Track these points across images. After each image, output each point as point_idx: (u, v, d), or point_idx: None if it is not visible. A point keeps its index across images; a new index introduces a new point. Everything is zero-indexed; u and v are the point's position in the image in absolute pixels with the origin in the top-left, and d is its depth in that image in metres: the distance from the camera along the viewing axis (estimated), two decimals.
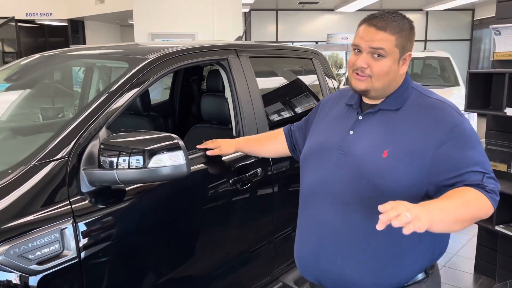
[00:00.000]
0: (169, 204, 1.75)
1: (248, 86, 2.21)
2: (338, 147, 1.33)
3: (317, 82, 2.77)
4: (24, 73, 2.19)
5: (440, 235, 1.32)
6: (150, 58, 1.84)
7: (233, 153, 1.90)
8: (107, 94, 1.63)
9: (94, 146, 1.50)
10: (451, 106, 1.28)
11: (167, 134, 1.50)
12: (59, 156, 1.44)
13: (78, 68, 2.16)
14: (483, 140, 3.03)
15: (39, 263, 1.30)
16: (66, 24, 16.72)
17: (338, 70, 10.89)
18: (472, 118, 4.87)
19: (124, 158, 1.44)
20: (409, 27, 1.28)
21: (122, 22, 16.59)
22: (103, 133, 1.55)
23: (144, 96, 2.80)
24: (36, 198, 1.35)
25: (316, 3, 12.72)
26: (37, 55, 2.19)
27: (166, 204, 1.74)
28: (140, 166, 1.43)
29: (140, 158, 1.44)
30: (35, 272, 1.29)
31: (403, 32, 1.26)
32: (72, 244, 1.38)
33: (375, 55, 1.25)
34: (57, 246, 1.34)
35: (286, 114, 2.61)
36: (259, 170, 2.09)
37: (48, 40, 16.98)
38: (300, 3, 12.83)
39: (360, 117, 1.34)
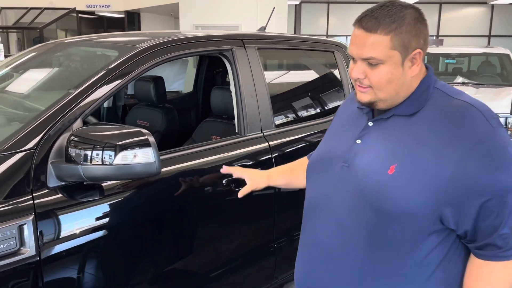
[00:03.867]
0: (152, 204, 1.63)
1: (254, 80, 2.04)
2: (343, 158, 1.13)
3: (338, 78, 2.55)
4: (29, 60, 2.18)
5: (454, 274, 1.08)
6: (141, 47, 1.73)
7: (264, 187, 1.48)
8: (86, 84, 1.54)
9: (65, 139, 1.41)
10: (480, 110, 1.00)
11: (137, 129, 1.39)
12: (25, 147, 1.37)
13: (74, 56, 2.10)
14: None
15: None
16: (123, 16, 17.31)
17: None
18: None
19: (94, 152, 1.35)
20: (412, 18, 1.01)
21: (176, 14, 16.93)
22: (77, 125, 1.46)
23: (159, 87, 2.73)
24: None
25: None
26: (40, 45, 2.17)
27: (149, 204, 1.63)
28: (107, 162, 1.33)
29: (108, 153, 1.34)
30: None
31: (402, 27, 1.00)
32: (32, 241, 1.31)
33: (370, 64, 1.03)
34: (12, 243, 1.27)
35: (297, 112, 2.42)
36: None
37: (107, 31, 17.68)
38: None
39: (370, 124, 1.12)
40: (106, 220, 1.51)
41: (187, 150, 1.78)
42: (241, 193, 1.42)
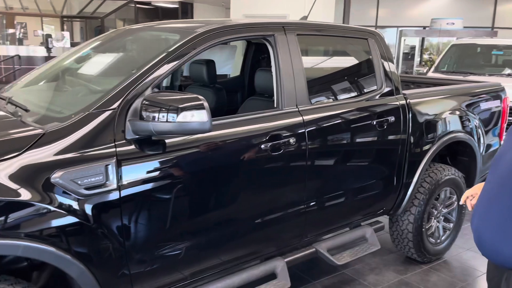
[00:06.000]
0: (201, 161, 2.00)
1: (292, 62, 2.36)
2: None
3: (372, 64, 2.81)
4: (106, 43, 2.64)
5: None
6: (198, 31, 2.11)
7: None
8: (155, 61, 1.93)
9: (139, 102, 1.81)
10: None
11: (195, 95, 1.76)
12: (111, 107, 1.78)
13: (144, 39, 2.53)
14: None
15: (87, 188, 1.66)
16: (177, 6, 17.99)
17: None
18: None
19: (161, 113, 1.74)
20: None
21: (227, 4, 17.39)
22: (148, 92, 1.86)
23: (211, 69, 3.11)
24: (88, 139, 1.71)
25: None
26: (114, 30, 2.60)
27: (199, 162, 2.00)
28: (171, 120, 1.72)
29: (172, 114, 1.72)
30: (83, 195, 1.66)
31: None
32: (114, 179, 1.72)
33: None
34: (101, 177, 1.69)
35: (331, 92, 2.71)
36: (292, 139, 2.25)
37: (162, 20, 18.49)
38: None
39: None
40: (167, 170, 1.90)
41: (232, 119, 2.14)
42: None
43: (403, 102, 2.85)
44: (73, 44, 13.19)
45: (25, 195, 1.55)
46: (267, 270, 2.40)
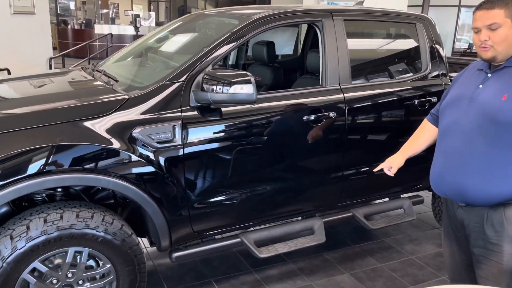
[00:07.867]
0: (251, 128, 2.40)
1: (337, 45, 2.65)
2: (469, 97, 1.77)
3: (418, 48, 2.98)
4: (180, 26, 3.11)
5: None
6: (255, 17, 2.48)
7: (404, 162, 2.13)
8: (215, 43, 2.35)
9: (201, 77, 2.24)
10: None
11: (244, 72, 2.15)
12: (179, 80, 2.23)
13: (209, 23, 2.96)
14: None
15: (158, 142, 2.14)
16: None
17: None
18: None
19: (217, 86, 2.16)
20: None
21: None
22: (209, 68, 2.29)
23: (270, 50, 3.47)
24: (161, 104, 2.18)
25: None
26: (187, 15, 3.05)
27: (249, 128, 2.39)
28: (224, 92, 2.13)
29: (226, 86, 2.13)
30: (156, 147, 2.14)
31: (508, 5, 1.65)
32: (179, 137, 2.18)
33: (492, 29, 1.65)
34: (169, 135, 2.16)
35: (373, 73, 2.95)
36: (332, 113, 2.56)
37: (241, 0, 19.01)
38: None
39: (489, 75, 1.76)
40: (222, 133, 2.32)
41: (281, 93, 2.51)
42: (388, 173, 2.12)
43: (449, 84, 3.00)
44: (158, 24, 14.19)
45: (116, 144, 2.06)
46: (306, 226, 2.78)
